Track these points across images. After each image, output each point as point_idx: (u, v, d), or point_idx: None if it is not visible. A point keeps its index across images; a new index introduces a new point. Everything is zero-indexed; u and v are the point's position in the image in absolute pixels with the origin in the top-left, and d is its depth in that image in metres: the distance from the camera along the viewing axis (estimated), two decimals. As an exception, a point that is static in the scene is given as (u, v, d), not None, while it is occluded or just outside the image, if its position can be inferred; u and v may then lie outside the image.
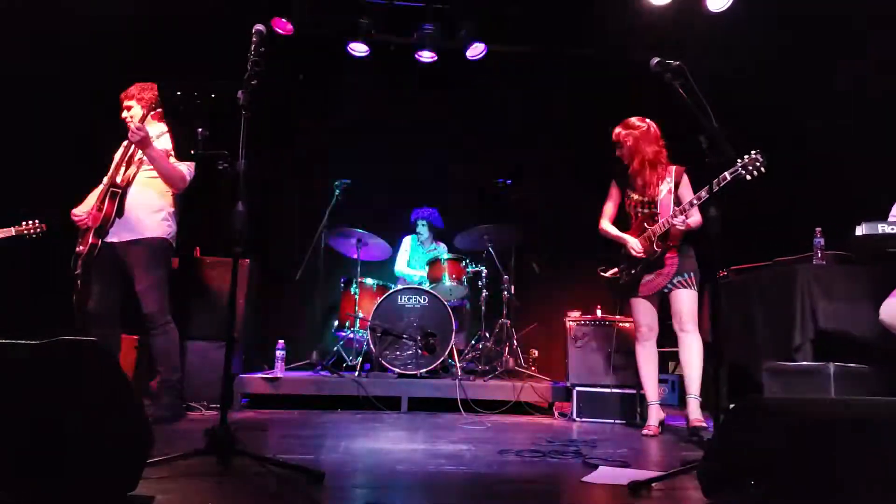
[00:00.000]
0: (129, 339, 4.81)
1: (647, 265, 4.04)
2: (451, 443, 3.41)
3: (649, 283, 4.07)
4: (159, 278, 3.91)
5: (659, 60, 2.90)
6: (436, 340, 5.03)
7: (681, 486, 2.42)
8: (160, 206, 3.94)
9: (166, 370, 3.95)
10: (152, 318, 3.89)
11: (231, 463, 2.45)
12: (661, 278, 4.04)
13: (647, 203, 4.06)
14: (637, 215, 4.12)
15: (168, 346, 3.96)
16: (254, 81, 2.73)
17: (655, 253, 3.99)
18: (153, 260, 3.88)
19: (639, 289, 4.09)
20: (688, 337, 3.95)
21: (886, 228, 3.34)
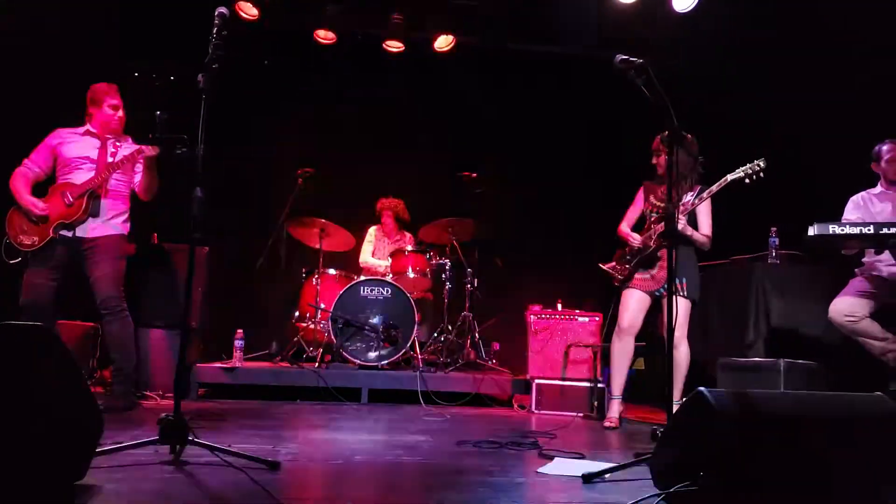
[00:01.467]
0: (82, 327, 4.71)
1: (640, 261, 4.13)
2: (410, 434, 3.42)
3: (643, 281, 4.14)
4: (118, 268, 3.94)
5: (623, 58, 2.92)
6: (398, 332, 5.02)
7: (633, 477, 2.46)
8: (124, 210, 4.06)
9: (120, 358, 3.89)
10: (108, 302, 3.84)
11: (184, 453, 2.41)
12: (653, 281, 4.12)
13: (661, 209, 4.14)
14: (649, 219, 4.21)
15: (123, 333, 3.91)
16: (215, 65, 2.68)
17: (649, 248, 4.08)
18: (113, 251, 3.93)
19: (632, 282, 4.17)
20: (677, 350, 3.99)
21: (837, 229, 3.43)
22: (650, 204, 4.23)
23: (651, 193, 4.26)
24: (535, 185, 6.73)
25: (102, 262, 3.85)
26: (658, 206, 4.17)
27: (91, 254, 3.85)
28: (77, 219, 3.82)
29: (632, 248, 4.18)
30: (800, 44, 5.09)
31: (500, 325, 5.96)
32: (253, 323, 5.56)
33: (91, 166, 3.89)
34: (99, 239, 3.88)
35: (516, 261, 6.26)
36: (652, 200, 4.23)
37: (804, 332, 4.23)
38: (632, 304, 4.16)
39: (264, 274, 5.47)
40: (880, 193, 4.01)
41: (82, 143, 3.94)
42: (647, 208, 4.25)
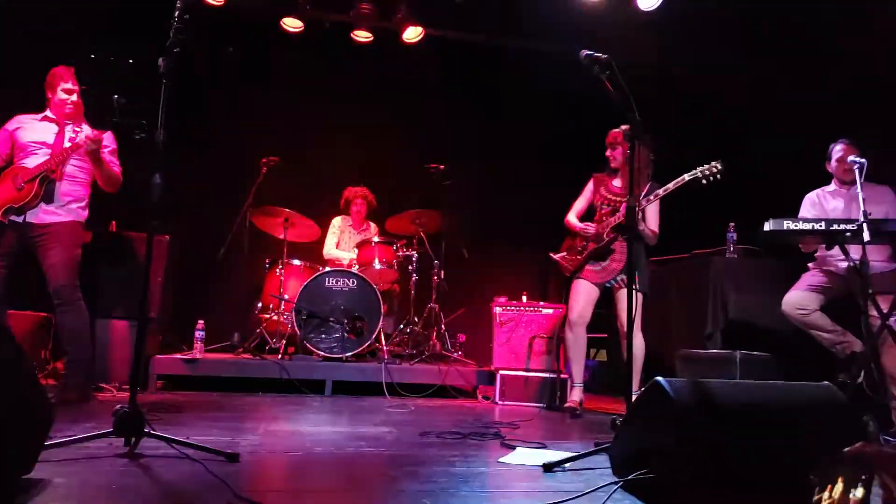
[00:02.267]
0: (33, 317, 4.60)
1: (592, 252, 4.20)
2: (374, 425, 3.41)
3: (594, 273, 4.22)
4: (73, 256, 3.84)
5: (588, 53, 2.95)
6: (363, 324, 5.00)
7: (593, 465, 2.49)
8: (83, 196, 3.95)
9: (75, 349, 3.81)
10: (62, 291, 3.75)
11: (140, 445, 2.37)
12: (605, 273, 4.19)
13: (614, 202, 4.23)
14: (600, 211, 4.29)
15: (78, 323, 3.82)
16: (176, 49, 2.63)
17: (602, 240, 4.15)
18: (68, 238, 3.82)
19: (582, 273, 4.25)
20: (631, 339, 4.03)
21: (791, 225, 3.52)
22: (601, 196, 4.31)
23: (602, 186, 4.34)
24: (501, 176, 6.76)
25: (56, 250, 3.74)
26: (610, 199, 4.25)
27: (44, 241, 3.75)
28: (27, 203, 3.70)
29: (583, 240, 4.26)
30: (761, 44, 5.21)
31: (466, 317, 5.99)
32: (215, 314, 5.50)
33: (46, 151, 3.79)
34: (52, 225, 3.77)
35: (483, 253, 6.29)
36: (603, 193, 4.30)
37: (759, 324, 4.34)
38: (581, 295, 4.24)
39: (227, 264, 5.39)
40: (833, 191, 4.13)
41: (39, 128, 3.86)
42: (599, 200, 4.32)
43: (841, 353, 3.80)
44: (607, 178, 4.36)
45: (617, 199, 4.22)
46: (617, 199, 4.23)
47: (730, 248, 4.56)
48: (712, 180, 3.66)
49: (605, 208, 4.26)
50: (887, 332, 3.46)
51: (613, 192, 4.28)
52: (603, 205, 4.28)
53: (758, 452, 1.82)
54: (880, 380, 3.47)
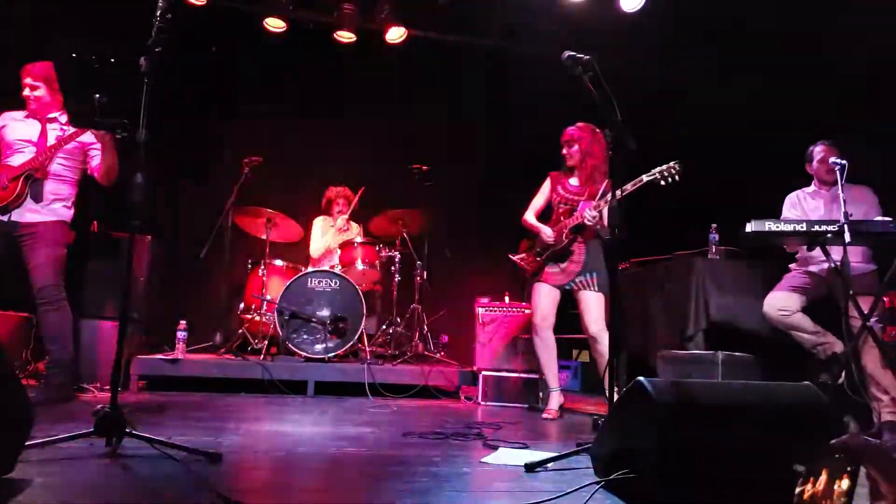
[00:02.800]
0: (15, 317, 4.54)
1: (553, 255, 4.18)
2: (356, 426, 3.41)
3: (553, 275, 4.19)
4: (58, 255, 3.80)
5: (570, 54, 2.96)
6: (346, 325, 4.99)
7: (575, 466, 2.50)
8: (69, 195, 3.92)
9: (58, 349, 3.76)
10: (46, 292, 3.71)
11: (122, 446, 2.35)
12: (564, 275, 4.16)
13: (571, 201, 4.19)
14: (557, 210, 4.26)
15: (61, 323, 3.77)
16: (158, 49, 2.61)
17: (562, 243, 4.13)
18: (52, 238, 3.79)
19: (542, 276, 4.22)
20: (598, 345, 4.05)
21: (773, 226, 3.55)
22: (559, 195, 4.28)
23: (558, 184, 4.31)
24: (485, 177, 6.77)
25: (40, 249, 3.71)
26: (567, 198, 4.22)
27: (29, 240, 3.71)
28: (11, 202, 3.67)
29: (543, 241, 4.22)
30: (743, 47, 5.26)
31: (448, 318, 5.98)
32: (197, 314, 5.46)
33: (32, 149, 3.76)
34: (38, 225, 3.74)
35: (466, 253, 6.29)
36: (560, 192, 4.28)
37: (741, 325, 4.36)
38: (542, 298, 4.22)
39: (209, 264, 5.35)
40: (813, 192, 4.17)
41: (24, 125, 3.82)
42: (556, 199, 4.29)
43: (822, 353, 3.84)
44: (564, 176, 4.32)
45: (574, 199, 4.19)
46: (574, 198, 4.20)
47: (712, 249, 4.59)
48: (671, 181, 3.65)
49: (562, 207, 4.24)
50: (868, 333, 3.47)
51: (570, 192, 4.25)
52: (560, 204, 4.26)
53: (738, 452, 1.84)
54: (861, 380, 3.50)
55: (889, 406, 3.54)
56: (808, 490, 1.01)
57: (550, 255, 4.20)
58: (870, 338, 3.52)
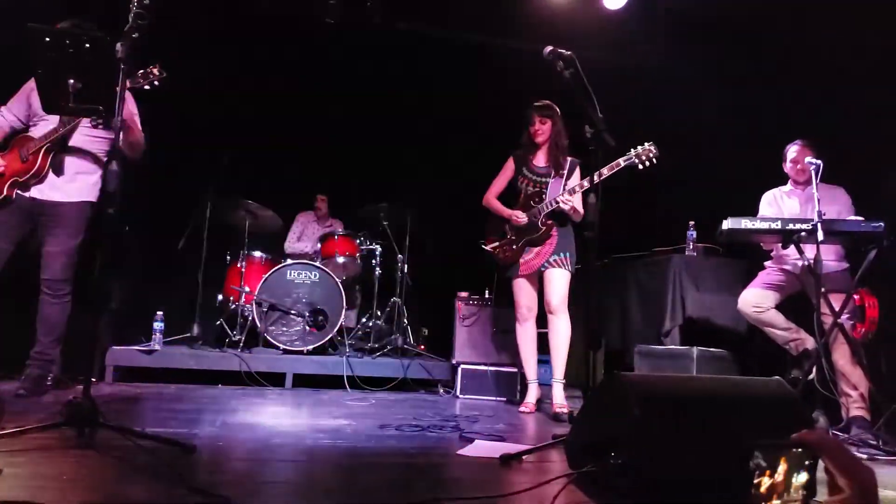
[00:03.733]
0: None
1: (528, 241, 4.08)
2: (333, 418, 3.40)
3: (528, 263, 4.09)
4: (75, 246, 3.58)
5: (552, 49, 2.99)
6: (325, 317, 4.98)
7: (549, 458, 2.53)
8: (95, 170, 3.64)
9: (49, 343, 3.60)
10: (56, 285, 3.53)
11: (94, 436, 2.33)
12: (538, 258, 4.07)
13: (539, 182, 4.12)
14: (525, 192, 4.16)
15: (62, 318, 3.61)
16: (135, 34, 2.58)
17: (539, 230, 4.05)
18: (77, 225, 3.57)
19: (519, 269, 4.12)
20: (557, 319, 4.00)
21: (748, 223, 3.61)
22: (525, 176, 4.18)
23: (523, 164, 4.20)
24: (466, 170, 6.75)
25: (59, 237, 3.48)
26: (534, 180, 4.14)
27: (49, 222, 3.49)
28: (30, 177, 3.43)
29: (516, 227, 4.11)
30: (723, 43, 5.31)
31: (428, 311, 6.00)
32: (174, 305, 5.41)
33: (56, 118, 3.45)
34: (61, 206, 3.50)
35: (446, 247, 6.29)
36: (526, 172, 4.17)
37: (717, 321, 4.43)
38: (525, 292, 4.14)
39: (187, 255, 5.30)
40: (789, 191, 4.22)
41: None
42: (523, 181, 4.18)
43: (794, 349, 3.90)
44: (527, 155, 4.21)
45: (541, 180, 4.12)
46: (541, 179, 4.13)
47: (689, 246, 4.65)
48: (648, 164, 3.67)
49: (529, 189, 4.14)
50: (838, 330, 3.55)
51: (537, 172, 4.15)
52: (527, 186, 4.15)
53: (708, 445, 1.86)
54: (831, 376, 3.57)
55: (857, 401, 3.60)
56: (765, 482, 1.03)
57: (527, 242, 4.09)
58: (840, 334, 3.59)
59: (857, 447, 3.14)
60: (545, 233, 4.04)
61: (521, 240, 4.10)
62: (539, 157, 4.20)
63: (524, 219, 4.07)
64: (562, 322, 3.99)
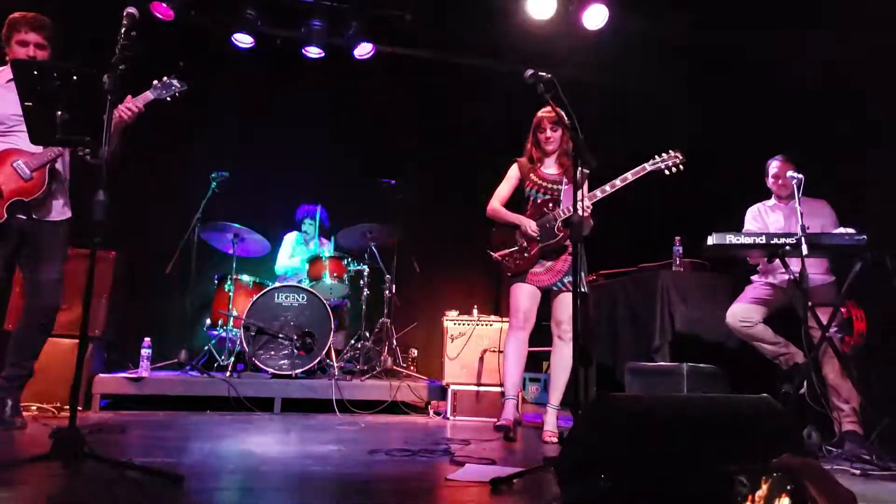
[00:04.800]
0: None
1: (544, 250, 3.86)
2: (322, 444, 3.37)
3: (538, 276, 3.89)
4: (64, 269, 3.45)
5: (533, 72, 3.01)
6: (313, 340, 4.95)
7: (540, 481, 2.51)
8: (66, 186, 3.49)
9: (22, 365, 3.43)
10: (51, 314, 3.40)
11: (80, 468, 2.30)
12: (550, 274, 3.88)
13: (552, 189, 3.95)
14: (536, 199, 3.97)
15: (40, 345, 3.48)
16: (122, 66, 2.60)
17: (557, 237, 3.83)
18: (65, 247, 3.46)
19: (526, 277, 3.89)
20: (565, 345, 3.83)
21: (733, 238, 3.63)
22: (533, 183, 4.00)
23: (530, 171, 4.02)
24: (451, 190, 6.79)
25: (54, 265, 3.31)
26: (545, 186, 3.96)
27: (42, 244, 3.31)
28: (35, 197, 3.22)
29: (527, 235, 3.88)
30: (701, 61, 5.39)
31: (418, 332, 5.98)
32: (162, 331, 5.39)
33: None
34: (58, 225, 3.34)
35: (434, 266, 6.29)
36: (535, 179, 3.99)
37: (706, 336, 4.44)
38: (526, 298, 3.89)
39: (174, 280, 5.28)
40: (773, 206, 4.27)
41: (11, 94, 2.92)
42: (530, 187, 4.00)
43: (784, 364, 3.90)
44: (534, 162, 4.04)
45: (553, 187, 3.95)
46: (553, 186, 3.96)
47: (676, 261, 4.67)
48: (674, 171, 3.65)
49: (540, 197, 3.96)
50: (827, 344, 3.55)
51: (548, 179, 3.98)
52: (537, 193, 3.97)
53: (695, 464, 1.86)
54: (822, 391, 3.57)
55: (849, 416, 3.61)
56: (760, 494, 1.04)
57: (543, 250, 3.86)
58: (829, 348, 3.60)
59: (850, 462, 3.13)
60: (562, 240, 3.82)
61: (535, 248, 3.88)
62: (548, 165, 4.05)
63: (536, 230, 3.85)
64: (568, 349, 3.77)
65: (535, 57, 4.59)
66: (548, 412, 3.87)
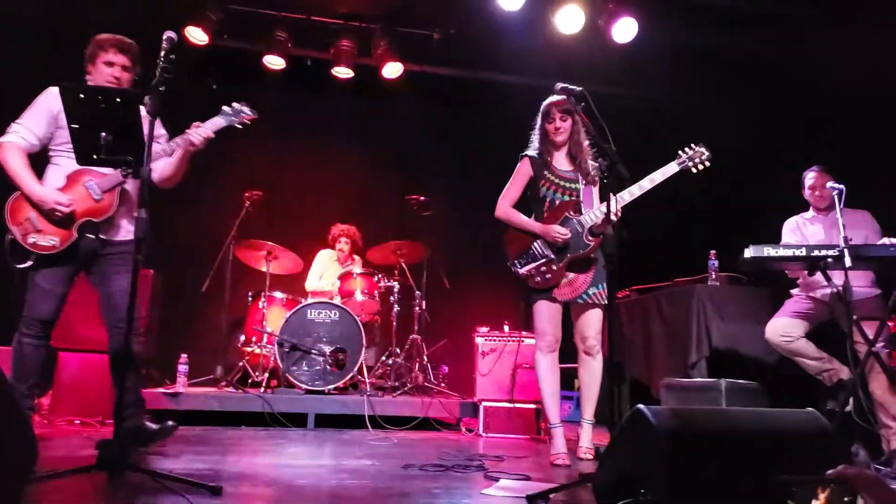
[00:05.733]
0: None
1: (573, 261, 3.52)
2: (356, 458, 3.38)
3: (564, 288, 3.55)
4: None
5: (563, 86, 3.01)
6: (345, 356, 4.97)
7: (577, 497, 2.48)
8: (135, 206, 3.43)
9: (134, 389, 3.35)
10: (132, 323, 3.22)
11: (124, 479, 2.33)
12: (571, 288, 3.56)
13: (570, 189, 3.60)
14: (554, 201, 3.60)
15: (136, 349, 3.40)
16: (162, 88, 2.67)
17: (587, 247, 3.48)
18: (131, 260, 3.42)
19: (553, 292, 3.55)
20: (594, 360, 3.64)
21: (771, 251, 3.55)
22: (548, 181, 3.61)
23: (543, 168, 3.62)
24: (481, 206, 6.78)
25: (125, 272, 3.15)
26: (562, 186, 3.60)
27: (115, 261, 3.23)
28: (105, 218, 3.18)
29: (556, 246, 3.50)
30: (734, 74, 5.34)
31: (448, 348, 5.96)
32: (198, 347, 5.46)
33: None
34: (125, 243, 3.23)
35: (464, 282, 6.28)
36: (550, 177, 3.61)
37: (744, 352, 4.34)
38: (554, 316, 3.57)
39: (210, 297, 5.36)
40: (812, 217, 4.18)
41: None
42: (547, 187, 3.61)
43: (828, 380, 3.80)
44: (546, 157, 3.64)
45: (572, 186, 3.60)
46: (571, 185, 3.60)
47: (712, 275, 4.60)
48: (701, 168, 3.49)
49: (558, 199, 3.58)
50: (874, 359, 3.44)
51: (563, 176, 3.61)
52: (554, 192, 3.59)
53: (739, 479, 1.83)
54: (869, 407, 3.45)
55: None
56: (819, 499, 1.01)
57: (572, 261, 3.50)
58: (876, 363, 3.49)
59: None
60: (592, 250, 3.50)
61: (564, 259, 3.50)
62: (559, 160, 3.68)
63: (566, 234, 3.47)
64: (598, 362, 3.63)
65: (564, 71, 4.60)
66: (583, 427, 3.67)
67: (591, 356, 3.65)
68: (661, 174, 3.51)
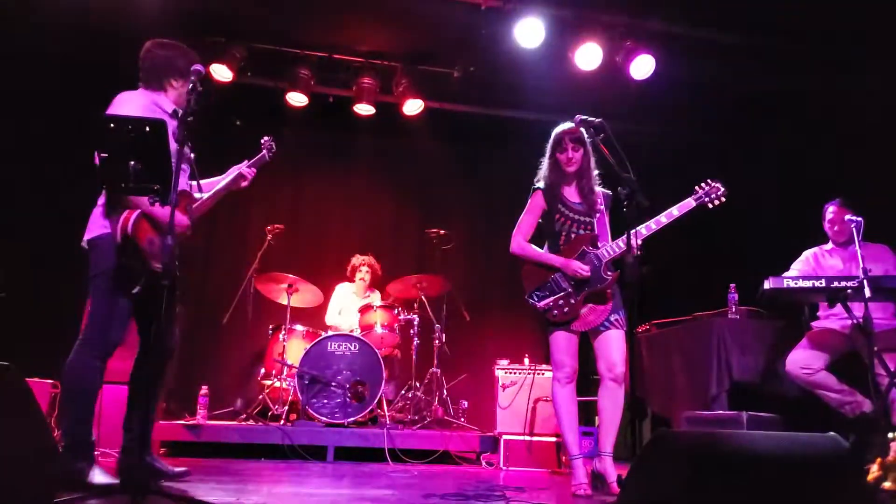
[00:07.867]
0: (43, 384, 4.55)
1: (591, 295, 3.46)
2: (376, 488, 3.37)
3: (584, 319, 3.47)
4: None
5: (583, 118, 3.08)
6: (365, 389, 4.98)
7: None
8: None
9: None
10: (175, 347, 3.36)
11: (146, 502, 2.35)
12: (595, 315, 3.47)
13: (585, 223, 3.55)
14: (567, 233, 3.55)
15: None
16: (190, 118, 2.75)
17: (605, 280, 3.42)
18: None
19: (571, 324, 3.48)
20: (618, 389, 3.43)
21: (791, 283, 3.56)
22: (564, 215, 3.55)
23: (556, 201, 3.55)
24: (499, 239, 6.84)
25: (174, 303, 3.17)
26: (579, 220, 3.54)
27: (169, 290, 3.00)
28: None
29: (577, 280, 3.43)
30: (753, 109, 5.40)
31: (468, 381, 5.96)
32: (218, 379, 5.51)
33: (185, 166, 3.11)
34: None
35: (483, 316, 6.31)
36: (564, 210, 3.55)
37: (765, 385, 4.32)
38: (571, 347, 3.49)
39: (231, 330, 5.42)
40: (831, 250, 4.19)
41: None
42: (563, 221, 3.55)
43: (849, 412, 3.77)
44: (557, 189, 3.58)
45: (587, 220, 3.54)
46: (586, 219, 3.55)
47: (731, 309, 4.58)
48: (718, 204, 3.43)
49: (574, 232, 3.53)
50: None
51: (576, 210, 3.55)
52: (570, 226, 3.53)
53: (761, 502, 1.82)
54: (892, 440, 3.41)
55: (922, 466, 3.44)
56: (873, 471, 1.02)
57: (589, 295, 3.46)
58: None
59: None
60: (610, 284, 3.45)
61: (582, 292, 3.45)
62: (570, 192, 3.62)
63: (587, 270, 3.42)
64: (622, 392, 3.45)
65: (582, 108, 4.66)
66: (606, 461, 3.44)
67: (618, 384, 3.45)
68: (678, 210, 3.42)
